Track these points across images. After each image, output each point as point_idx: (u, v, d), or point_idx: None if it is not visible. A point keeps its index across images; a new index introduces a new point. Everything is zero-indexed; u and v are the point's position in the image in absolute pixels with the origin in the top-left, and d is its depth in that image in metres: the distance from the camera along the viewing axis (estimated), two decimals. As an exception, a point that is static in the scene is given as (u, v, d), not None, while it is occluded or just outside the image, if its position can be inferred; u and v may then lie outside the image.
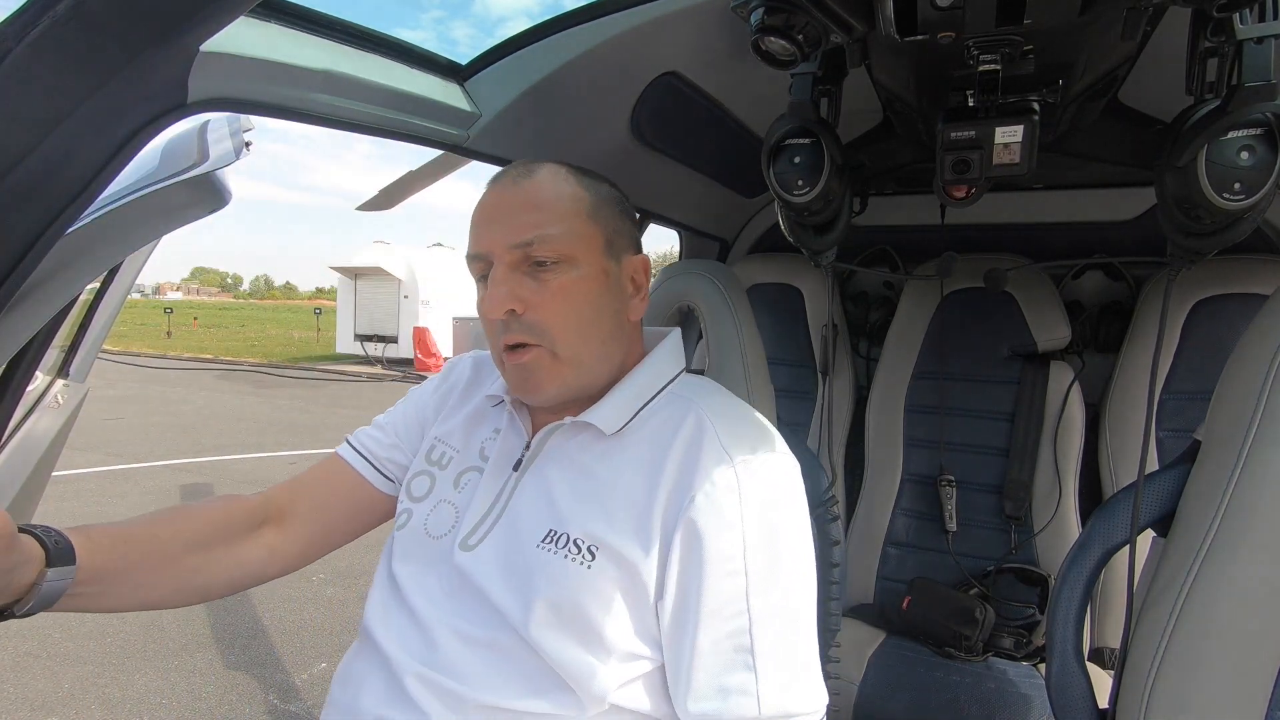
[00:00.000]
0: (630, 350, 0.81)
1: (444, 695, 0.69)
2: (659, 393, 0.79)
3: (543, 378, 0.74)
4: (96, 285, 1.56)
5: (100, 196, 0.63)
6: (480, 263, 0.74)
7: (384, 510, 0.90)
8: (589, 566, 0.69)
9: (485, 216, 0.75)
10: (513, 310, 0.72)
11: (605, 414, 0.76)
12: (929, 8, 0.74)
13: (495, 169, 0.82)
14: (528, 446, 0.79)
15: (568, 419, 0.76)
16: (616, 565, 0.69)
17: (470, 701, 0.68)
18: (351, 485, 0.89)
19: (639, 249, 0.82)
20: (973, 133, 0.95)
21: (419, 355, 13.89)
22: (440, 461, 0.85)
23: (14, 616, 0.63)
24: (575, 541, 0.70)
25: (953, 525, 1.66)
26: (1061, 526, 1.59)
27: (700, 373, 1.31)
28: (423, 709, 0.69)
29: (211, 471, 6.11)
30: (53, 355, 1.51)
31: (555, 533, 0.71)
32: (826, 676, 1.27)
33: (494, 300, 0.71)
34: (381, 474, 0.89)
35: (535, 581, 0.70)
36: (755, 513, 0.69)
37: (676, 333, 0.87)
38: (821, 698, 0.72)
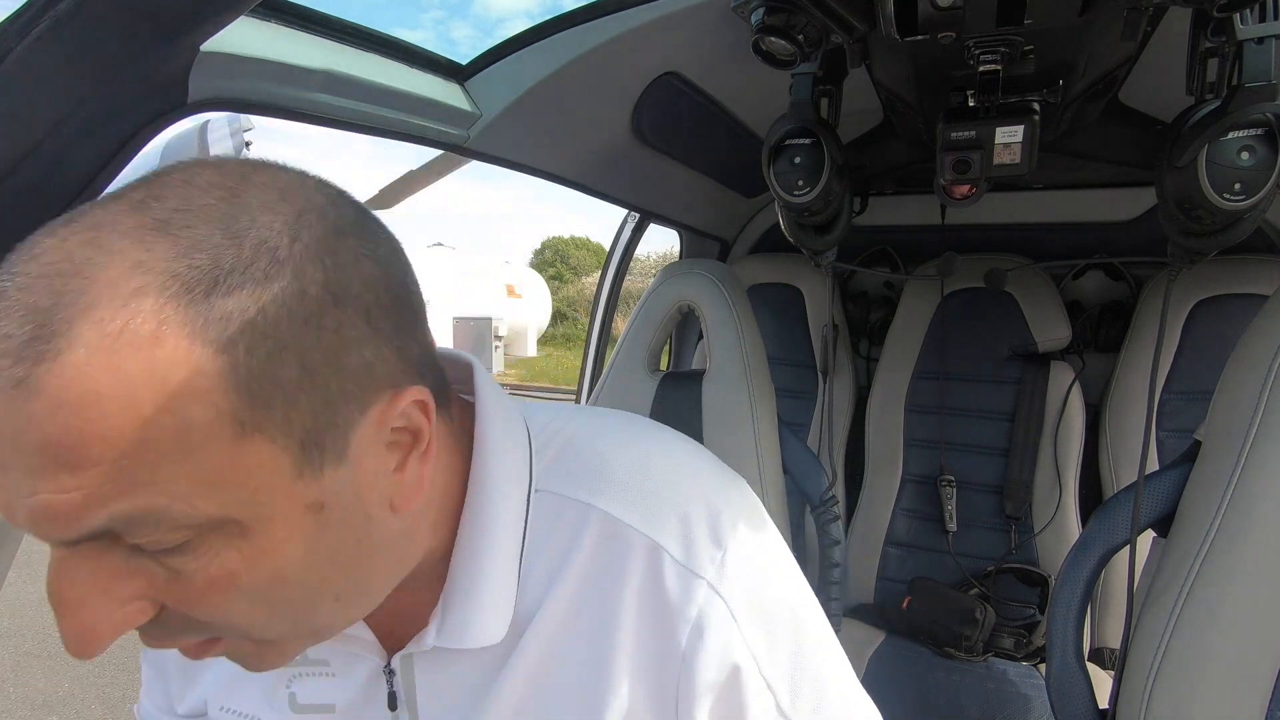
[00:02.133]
0: (441, 515, 0.47)
1: None
2: (527, 515, 0.49)
3: (261, 660, 0.41)
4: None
5: (100, 196, 0.63)
6: None
7: None
8: None
9: None
10: (137, 621, 0.36)
11: (477, 625, 0.47)
12: (929, 8, 0.74)
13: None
14: (389, 670, 0.50)
15: (429, 642, 0.47)
16: None
17: None
18: None
19: (401, 363, 0.40)
20: (973, 133, 0.95)
21: (419, 355, 13.85)
22: None
23: None
24: None
25: (953, 525, 1.66)
26: (1062, 527, 1.59)
27: (704, 373, 1.31)
28: None
29: (212, 471, 6.11)
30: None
31: None
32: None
33: (71, 634, 0.34)
34: None
35: None
36: (760, 623, 0.49)
37: (480, 373, 0.51)
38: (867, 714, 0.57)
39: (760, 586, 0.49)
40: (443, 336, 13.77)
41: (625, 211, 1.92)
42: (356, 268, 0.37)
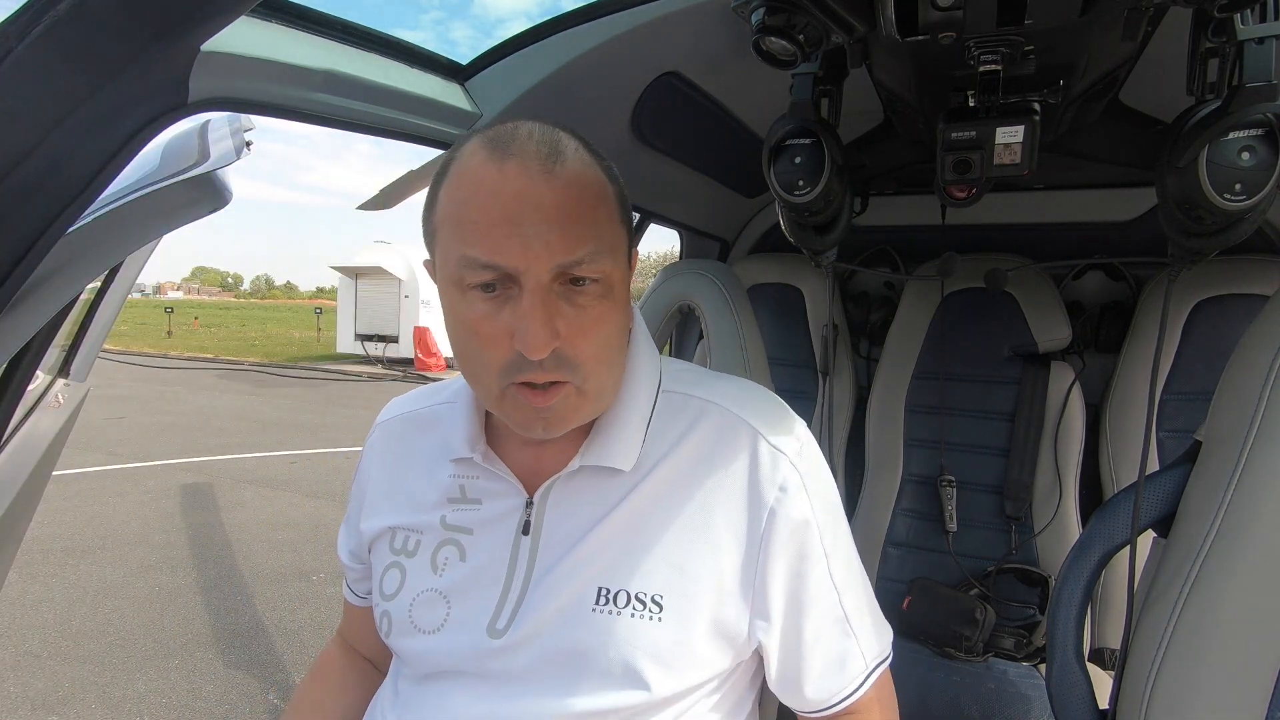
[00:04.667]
0: (625, 356, 0.70)
1: None
2: (655, 403, 0.70)
3: (567, 416, 0.62)
4: (97, 285, 1.56)
5: (101, 196, 0.63)
6: (490, 273, 0.56)
7: None
8: (659, 619, 0.63)
9: (507, 214, 0.55)
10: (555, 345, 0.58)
11: (617, 449, 0.66)
12: (930, 8, 0.74)
13: None
14: (529, 505, 0.68)
15: (575, 464, 0.66)
16: (692, 608, 0.64)
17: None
18: None
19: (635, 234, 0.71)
20: (973, 133, 0.95)
21: (419, 355, 13.90)
22: (407, 548, 0.73)
23: None
24: (637, 596, 0.63)
25: (953, 525, 1.66)
26: (1062, 527, 1.59)
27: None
28: None
29: (211, 471, 6.11)
30: (53, 355, 1.51)
31: (608, 591, 0.63)
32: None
33: (536, 337, 0.55)
34: None
35: (603, 650, 0.63)
36: (821, 501, 0.68)
37: (638, 316, 0.75)
38: (888, 627, 0.76)
39: (823, 473, 0.71)
40: (443, 337, 13.80)
41: (625, 211, 1.91)
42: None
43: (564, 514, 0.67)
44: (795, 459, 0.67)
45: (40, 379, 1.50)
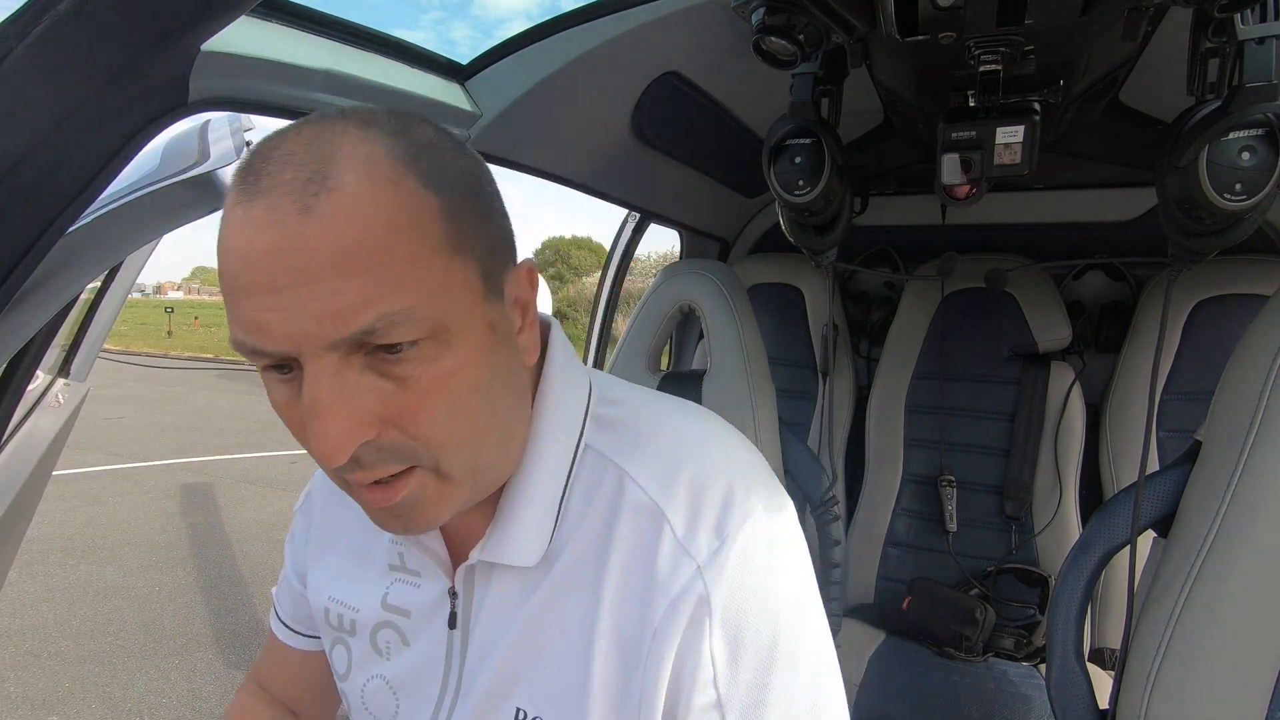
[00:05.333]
0: (527, 409, 0.53)
1: None
2: (573, 467, 0.53)
3: (429, 511, 0.47)
4: (97, 284, 1.55)
5: (101, 196, 0.63)
6: (263, 358, 0.42)
7: None
8: None
9: (258, 279, 0.40)
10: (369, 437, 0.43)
11: (518, 542, 0.52)
12: (930, 8, 0.74)
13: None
14: (453, 592, 0.57)
15: (473, 557, 0.53)
16: None
17: None
18: (319, 663, 0.73)
19: (515, 248, 0.50)
20: (974, 133, 0.95)
21: (419, 355, 13.87)
22: (344, 627, 0.64)
23: None
24: None
25: (953, 525, 1.66)
26: (1062, 527, 1.59)
27: (704, 373, 1.31)
28: None
29: (211, 471, 6.11)
30: (53, 354, 1.51)
31: (524, 714, 0.52)
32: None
33: (324, 442, 0.41)
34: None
35: None
36: (729, 636, 0.48)
37: (557, 332, 0.57)
38: None
39: (749, 592, 0.48)
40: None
41: (625, 211, 1.92)
42: (480, 168, 0.48)
43: (485, 607, 0.55)
44: (707, 564, 0.48)
45: (40, 379, 1.50)
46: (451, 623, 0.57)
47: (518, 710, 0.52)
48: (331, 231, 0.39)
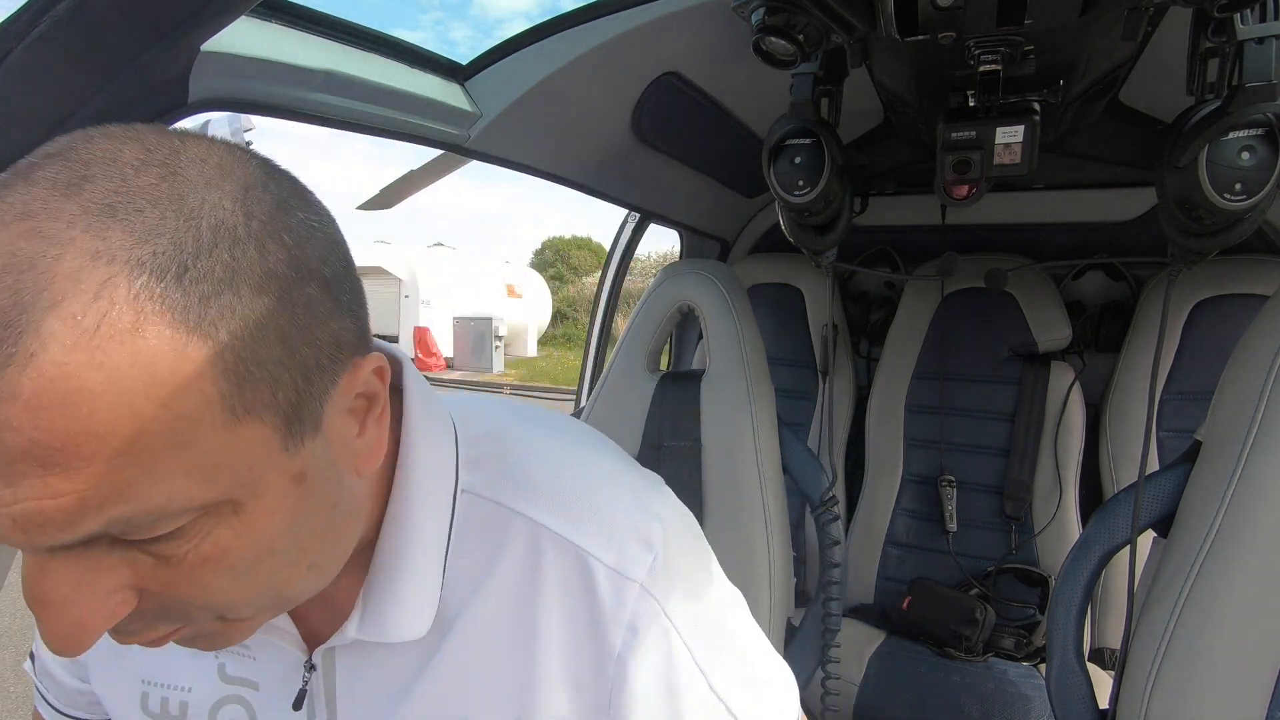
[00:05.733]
0: (370, 503, 0.46)
1: None
2: (453, 513, 0.48)
3: (223, 639, 0.41)
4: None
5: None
6: None
7: None
8: None
9: None
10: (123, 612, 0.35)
11: (401, 618, 0.46)
12: (930, 8, 0.74)
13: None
14: (310, 666, 0.49)
15: (349, 634, 0.46)
16: None
17: None
18: None
19: (361, 342, 0.40)
20: (973, 133, 0.95)
21: (420, 355, 13.91)
22: (171, 712, 0.53)
23: None
24: None
25: (953, 525, 1.66)
26: (1062, 527, 1.59)
27: (704, 373, 1.31)
28: None
29: (212, 471, 6.11)
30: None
31: None
32: (826, 677, 1.27)
33: (59, 639, 0.33)
34: None
35: None
36: (686, 616, 0.48)
37: (408, 367, 0.50)
38: (784, 675, 0.56)
39: (693, 589, 0.49)
40: (443, 337, 13.81)
41: (625, 211, 1.92)
42: (311, 241, 0.36)
43: (359, 684, 0.49)
44: (649, 581, 0.47)
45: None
46: (298, 704, 0.49)
47: None
48: (31, 417, 0.27)
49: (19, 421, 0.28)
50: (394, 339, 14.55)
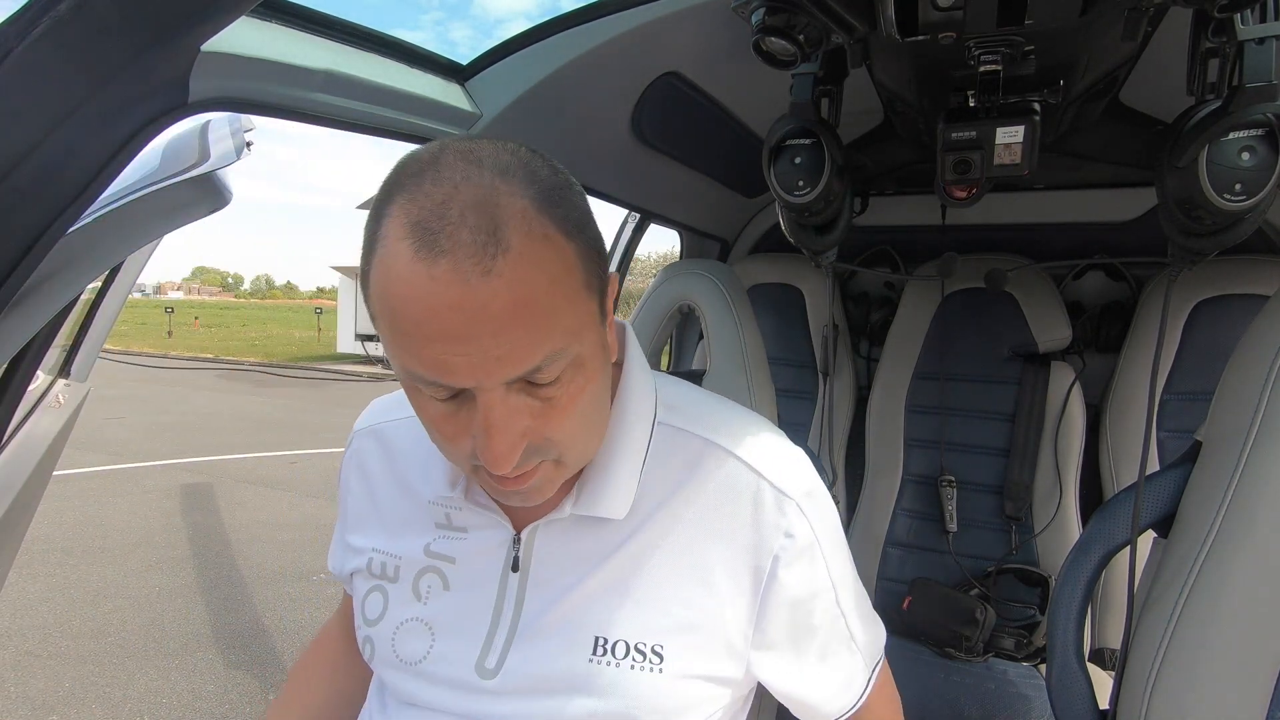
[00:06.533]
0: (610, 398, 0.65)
1: None
2: (651, 435, 0.65)
3: (546, 489, 0.58)
4: (98, 285, 1.56)
5: (101, 196, 0.63)
6: (438, 389, 0.50)
7: None
8: (659, 670, 0.61)
9: (444, 330, 0.46)
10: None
11: (608, 498, 0.62)
12: (930, 8, 0.74)
13: None
14: (516, 541, 0.65)
15: (567, 510, 0.62)
16: (693, 657, 0.62)
17: None
18: None
19: (608, 262, 0.59)
20: (974, 133, 0.95)
21: (419, 355, 13.88)
22: (386, 574, 0.70)
23: None
24: (636, 647, 0.61)
25: (953, 525, 1.66)
26: (1062, 527, 1.59)
27: (704, 373, 1.31)
28: None
29: (211, 471, 6.11)
30: (54, 355, 1.51)
31: (605, 641, 0.61)
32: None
33: (497, 455, 0.50)
34: None
35: (602, 703, 0.61)
36: (828, 538, 0.66)
37: (630, 336, 0.68)
38: (878, 621, 0.76)
39: (828, 507, 0.68)
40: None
41: (625, 211, 1.92)
42: (576, 188, 0.54)
43: (555, 558, 0.64)
44: (802, 502, 0.64)
45: (40, 379, 1.50)
46: (514, 565, 0.65)
47: (596, 639, 0.61)
48: (509, 290, 0.46)
49: (504, 295, 0.45)
50: (394, 339, 14.54)
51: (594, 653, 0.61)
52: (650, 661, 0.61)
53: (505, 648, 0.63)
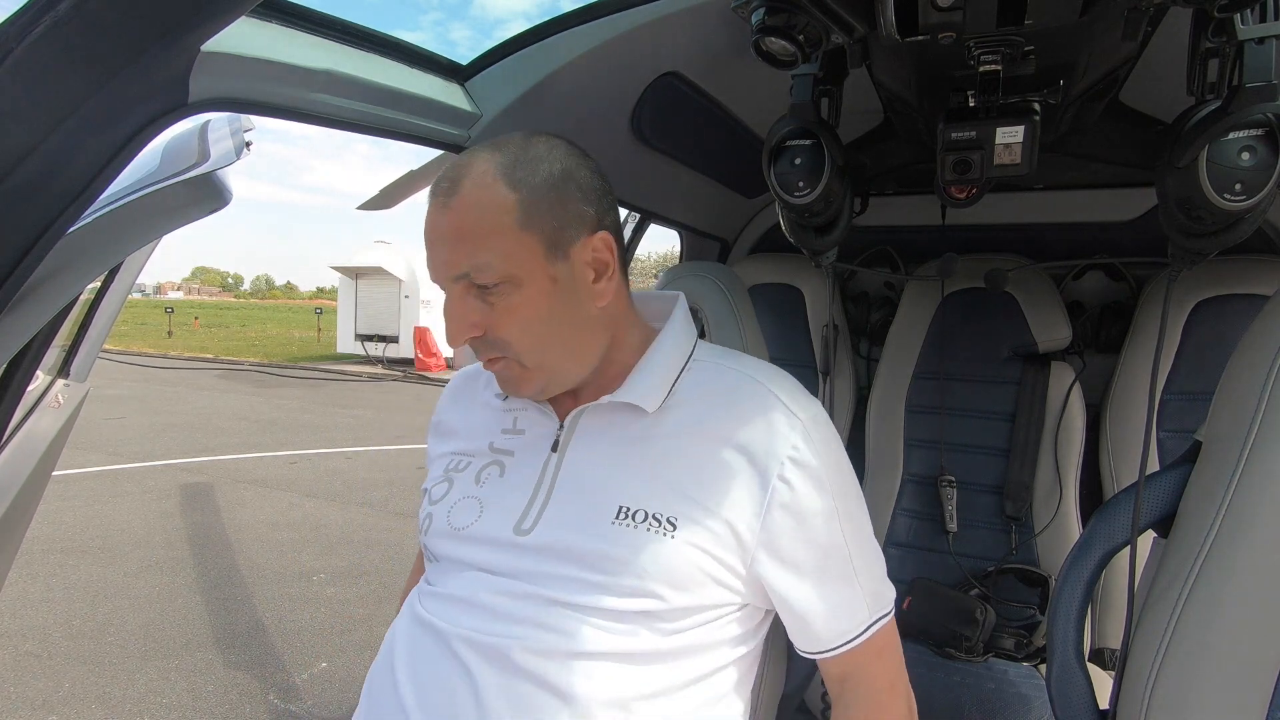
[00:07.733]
0: (619, 332, 0.80)
1: (491, 653, 0.71)
2: (686, 364, 0.81)
3: (519, 383, 0.76)
4: (97, 285, 1.56)
5: (101, 196, 0.63)
6: (440, 285, 0.75)
7: None
8: (671, 536, 0.71)
9: (427, 242, 0.73)
10: (474, 335, 0.73)
11: (642, 391, 0.76)
12: (930, 8, 0.74)
13: None
14: (560, 428, 0.80)
15: (604, 399, 0.77)
16: (702, 532, 0.71)
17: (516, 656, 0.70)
18: None
19: (598, 225, 0.76)
20: (974, 133, 0.95)
21: (420, 355, 13.91)
22: (458, 468, 0.85)
23: None
24: (654, 515, 0.71)
25: (953, 525, 1.66)
26: (1062, 527, 1.59)
27: None
28: (470, 669, 0.71)
29: (211, 471, 6.11)
30: (53, 355, 1.51)
31: (628, 509, 0.72)
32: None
33: (450, 332, 0.73)
34: None
35: (619, 557, 0.70)
36: (832, 465, 0.76)
37: (683, 300, 0.86)
38: (892, 589, 0.82)
39: (835, 444, 0.78)
40: (442, 337, 13.81)
41: (625, 211, 1.92)
42: (580, 170, 0.75)
43: (591, 438, 0.78)
44: (810, 425, 0.75)
45: (40, 379, 1.50)
46: (554, 447, 0.79)
47: (620, 507, 0.72)
48: (455, 217, 0.70)
49: (455, 216, 0.70)
50: (394, 339, 14.55)
51: (617, 517, 0.72)
52: (665, 528, 0.71)
53: (540, 511, 0.75)
